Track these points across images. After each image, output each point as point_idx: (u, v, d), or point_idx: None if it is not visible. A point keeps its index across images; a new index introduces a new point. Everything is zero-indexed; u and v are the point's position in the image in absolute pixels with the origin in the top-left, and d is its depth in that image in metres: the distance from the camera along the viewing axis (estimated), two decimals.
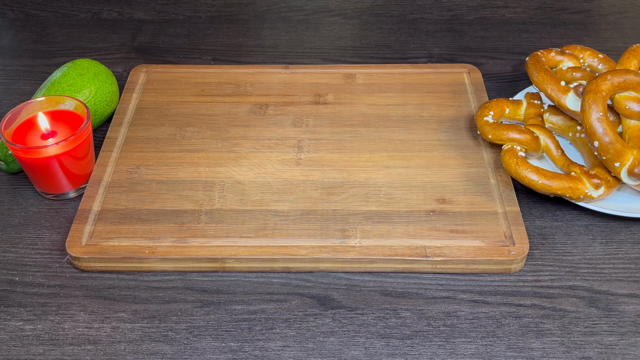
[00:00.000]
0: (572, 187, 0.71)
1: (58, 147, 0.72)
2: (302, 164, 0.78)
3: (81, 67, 0.84)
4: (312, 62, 0.98)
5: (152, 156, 0.80)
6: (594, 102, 0.72)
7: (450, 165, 0.78)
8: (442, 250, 0.69)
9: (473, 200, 0.74)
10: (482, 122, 0.79)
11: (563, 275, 0.69)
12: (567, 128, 0.80)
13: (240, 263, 0.69)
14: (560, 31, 1.04)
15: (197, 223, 0.72)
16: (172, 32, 1.05)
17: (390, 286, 0.68)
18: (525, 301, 0.67)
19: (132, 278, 0.69)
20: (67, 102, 0.77)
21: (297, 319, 0.65)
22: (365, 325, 0.65)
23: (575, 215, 0.75)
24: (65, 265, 0.70)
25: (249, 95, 0.89)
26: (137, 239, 0.70)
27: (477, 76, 0.91)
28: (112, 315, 0.66)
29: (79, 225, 0.71)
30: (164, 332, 0.64)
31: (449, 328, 0.64)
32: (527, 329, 0.64)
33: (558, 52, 0.83)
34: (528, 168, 0.73)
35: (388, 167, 0.78)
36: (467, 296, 0.67)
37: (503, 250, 0.69)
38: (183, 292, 0.68)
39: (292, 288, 0.68)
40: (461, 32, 1.04)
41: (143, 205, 0.74)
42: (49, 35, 1.04)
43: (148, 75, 0.92)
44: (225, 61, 0.98)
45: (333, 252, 0.69)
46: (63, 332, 0.64)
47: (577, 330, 0.64)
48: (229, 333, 0.64)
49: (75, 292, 0.68)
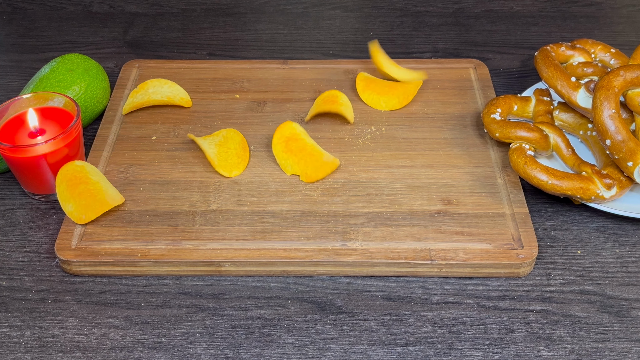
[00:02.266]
0: (583, 187, 0.71)
1: (47, 146, 0.72)
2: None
3: (71, 63, 0.84)
4: (312, 57, 0.98)
5: (145, 155, 0.80)
6: (606, 99, 0.72)
7: (455, 164, 0.78)
8: (448, 253, 0.69)
9: (480, 201, 0.74)
10: (489, 120, 0.79)
11: (573, 280, 0.69)
12: (577, 126, 0.80)
13: (237, 267, 0.69)
14: (571, 24, 1.04)
15: (191, 225, 0.72)
16: (166, 26, 1.05)
17: (393, 291, 0.68)
18: (534, 306, 0.67)
19: (123, 282, 0.69)
20: (56, 99, 0.77)
21: (296, 325, 0.65)
22: (367, 332, 0.65)
23: (587, 217, 0.75)
24: (54, 269, 0.70)
25: (245, 92, 0.89)
26: (129, 242, 0.70)
27: (483, 72, 0.91)
28: (103, 321, 0.66)
29: (69, 228, 0.71)
30: (157, 339, 0.64)
31: (454, 334, 0.64)
32: (536, 335, 0.64)
33: (568, 46, 0.83)
34: (537, 167, 0.73)
35: (391, 166, 0.78)
36: (473, 301, 0.67)
37: (511, 253, 0.69)
38: (177, 297, 0.68)
39: (290, 293, 0.68)
40: (467, 25, 1.04)
41: (135, 207, 0.74)
42: (37, 29, 1.04)
43: (140, 70, 0.92)
44: (221, 56, 0.98)
45: (333, 256, 0.69)
46: (52, 339, 0.64)
47: (588, 336, 0.64)
48: (225, 340, 0.64)
49: (64, 297, 0.68)
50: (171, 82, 0.86)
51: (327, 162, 0.76)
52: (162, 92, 0.85)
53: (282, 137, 0.77)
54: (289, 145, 0.77)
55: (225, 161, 0.77)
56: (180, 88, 0.86)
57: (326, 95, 0.84)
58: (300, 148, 0.77)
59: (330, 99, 0.84)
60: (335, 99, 0.83)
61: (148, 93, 0.85)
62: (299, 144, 0.77)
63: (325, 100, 0.84)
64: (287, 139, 0.77)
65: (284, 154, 0.77)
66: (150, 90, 0.85)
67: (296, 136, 0.78)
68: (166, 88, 0.86)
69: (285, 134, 0.78)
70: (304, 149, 0.77)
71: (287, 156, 0.77)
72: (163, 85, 0.86)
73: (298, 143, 0.77)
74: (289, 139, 0.77)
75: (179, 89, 0.86)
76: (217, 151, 0.78)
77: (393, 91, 0.86)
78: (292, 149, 0.77)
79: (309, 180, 0.75)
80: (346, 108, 0.83)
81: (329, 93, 0.85)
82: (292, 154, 0.76)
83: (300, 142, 0.77)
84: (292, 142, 0.77)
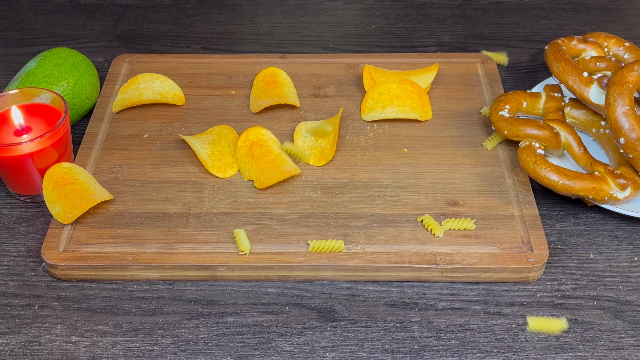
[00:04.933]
0: (595, 187, 0.72)
1: (33, 145, 0.72)
2: (300, 162, 0.78)
3: (58, 57, 0.84)
4: (311, 51, 0.98)
5: (136, 154, 0.80)
6: (620, 95, 0.72)
7: (462, 164, 0.78)
8: (454, 257, 0.69)
9: (487, 202, 0.74)
10: (498, 117, 0.79)
11: (586, 285, 0.69)
12: (590, 123, 0.80)
13: (233, 271, 0.69)
14: (583, 17, 1.04)
15: (185, 227, 0.72)
16: (158, 18, 1.05)
17: (397, 296, 0.68)
18: (544, 313, 0.67)
19: (114, 287, 0.69)
20: (42, 95, 0.77)
21: (295, 333, 0.65)
22: (370, 339, 0.65)
23: (599, 219, 0.75)
24: (40, 273, 0.71)
25: (241, 88, 0.89)
26: (120, 245, 0.70)
27: (491, 66, 0.91)
28: (92, 328, 0.66)
29: (56, 230, 0.71)
30: (148, 347, 0.64)
31: (461, 342, 0.64)
32: (547, 343, 0.64)
33: (580, 40, 0.83)
34: (547, 167, 0.73)
35: (394, 166, 0.78)
36: (480, 307, 0.67)
37: (520, 257, 0.69)
38: (170, 303, 0.68)
39: (289, 298, 0.68)
40: (474, 18, 1.04)
41: (126, 208, 0.74)
42: (23, 21, 1.04)
43: (131, 65, 0.92)
44: (215, 50, 0.99)
45: (334, 259, 0.69)
46: (38, 347, 0.64)
47: (601, 344, 0.64)
48: (220, 348, 0.64)
49: (51, 303, 0.68)
50: (163, 77, 0.86)
51: (283, 170, 0.75)
52: (153, 87, 0.85)
53: (246, 141, 0.77)
54: (252, 150, 0.76)
55: (219, 161, 0.77)
56: (173, 83, 0.86)
57: (264, 75, 0.86)
58: (263, 154, 0.76)
59: (270, 78, 0.86)
60: (275, 78, 0.86)
61: (139, 89, 0.85)
62: (263, 150, 0.76)
63: (266, 83, 0.85)
64: (251, 143, 0.77)
65: (245, 158, 0.76)
66: (142, 85, 0.85)
67: (262, 142, 0.77)
68: (158, 83, 0.86)
69: (250, 138, 0.77)
70: (267, 155, 0.76)
71: (247, 160, 0.76)
72: (155, 80, 0.86)
73: (262, 149, 0.77)
74: (254, 143, 0.77)
75: (172, 84, 0.86)
76: (211, 151, 0.78)
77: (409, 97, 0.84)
78: (254, 153, 0.76)
79: (261, 187, 0.74)
80: (289, 89, 0.85)
81: (266, 71, 0.87)
82: (253, 159, 0.76)
83: (265, 148, 0.77)
84: (257, 147, 0.77)
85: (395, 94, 0.83)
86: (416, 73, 0.87)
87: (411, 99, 0.82)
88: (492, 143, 0.80)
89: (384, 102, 0.83)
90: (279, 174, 0.74)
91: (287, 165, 0.76)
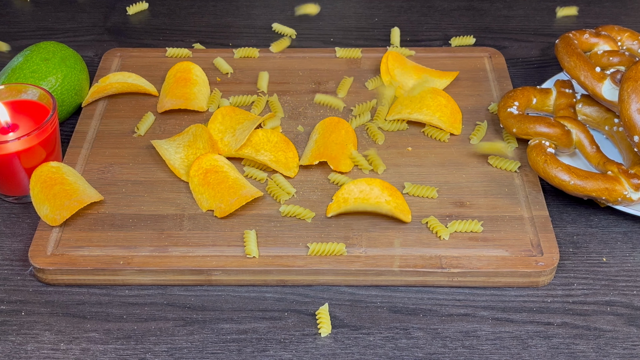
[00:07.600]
0: (608, 188, 0.72)
1: (19, 143, 0.72)
2: (300, 161, 0.78)
3: (46, 51, 0.84)
4: (311, 45, 0.98)
5: (128, 153, 0.80)
6: (634, 91, 0.72)
7: (469, 163, 0.79)
8: (460, 260, 0.69)
9: (495, 203, 0.74)
10: (506, 114, 0.79)
11: (598, 290, 0.69)
12: (602, 121, 0.80)
13: (229, 275, 0.69)
14: (595, 9, 1.04)
15: (179, 230, 0.72)
16: (150, 11, 1.05)
17: (401, 302, 0.68)
18: (555, 319, 0.67)
19: (104, 292, 0.69)
20: (29, 91, 0.77)
21: (294, 340, 0.65)
22: (372, 347, 0.65)
23: (613, 221, 0.75)
24: (27, 277, 0.71)
25: (238, 84, 0.89)
26: (111, 248, 0.70)
27: (499, 61, 0.91)
28: (81, 335, 0.66)
29: (44, 233, 0.72)
30: (141, 355, 0.64)
31: (467, 350, 0.65)
32: (557, 350, 0.64)
33: (592, 33, 0.83)
34: (558, 166, 0.73)
35: (398, 165, 0.78)
36: (488, 313, 0.67)
37: (530, 260, 0.69)
38: (163, 309, 0.68)
39: (287, 304, 0.68)
40: (481, 10, 1.04)
41: (117, 209, 0.74)
42: (9, 14, 1.04)
43: (122, 60, 0.92)
44: (211, 44, 0.98)
45: (335, 263, 0.69)
46: (25, 355, 0.64)
47: (614, 352, 0.64)
48: (215, 356, 0.64)
49: (39, 309, 0.68)
50: (135, 75, 0.86)
51: (245, 195, 0.73)
52: (125, 80, 0.85)
53: (200, 169, 0.75)
54: (207, 177, 0.74)
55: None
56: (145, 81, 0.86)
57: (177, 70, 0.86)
58: (219, 180, 0.74)
59: (182, 74, 0.85)
60: (187, 74, 0.85)
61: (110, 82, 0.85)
62: (219, 177, 0.74)
63: (177, 79, 0.85)
64: (205, 171, 0.74)
65: (199, 188, 0.74)
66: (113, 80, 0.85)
67: (217, 168, 0.75)
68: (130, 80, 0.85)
69: (204, 166, 0.75)
70: (224, 182, 0.74)
71: (203, 190, 0.74)
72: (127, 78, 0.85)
73: (218, 175, 0.74)
74: (208, 170, 0.74)
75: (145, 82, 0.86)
76: (185, 154, 0.77)
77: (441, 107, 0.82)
78: (210, 181, 0.74)
79: (222, 215, 0.72)
80: (199, 88, 0.84)
81: (179, 66, 0.86)
82: (210, 187, 0.74)
83: (220, 174, 0.74)
84: (211, 175, 0.74)
85: (427, 104, 0.81)
86: (434, 74, 0.87)
87: (441, 111, 0.81)
88: (477, 137, 0.80)
89: (412, 108, 0.82)
90: (240, 198, 0.72)
91: (248, 189, 0.74)
